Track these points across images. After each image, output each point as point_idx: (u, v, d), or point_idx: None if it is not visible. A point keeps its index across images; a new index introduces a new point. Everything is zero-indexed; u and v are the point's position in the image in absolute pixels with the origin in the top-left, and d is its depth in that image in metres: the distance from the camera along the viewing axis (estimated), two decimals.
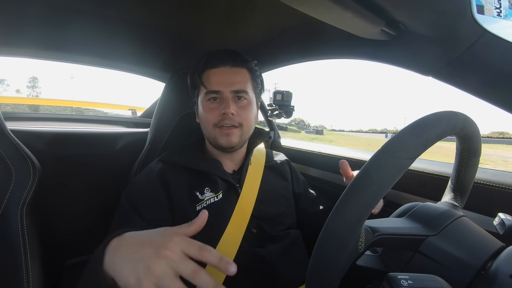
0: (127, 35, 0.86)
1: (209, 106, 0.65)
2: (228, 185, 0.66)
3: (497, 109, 0.48)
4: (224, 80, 0.65)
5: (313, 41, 0.78)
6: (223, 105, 0.64)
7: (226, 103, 0.63)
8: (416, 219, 0.41)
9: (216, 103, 0.65)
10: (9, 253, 0.51)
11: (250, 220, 0.63)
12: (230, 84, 0.64)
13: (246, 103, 0.67)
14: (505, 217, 0.40)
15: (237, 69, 0.67)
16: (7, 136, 0.55)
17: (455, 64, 0.50)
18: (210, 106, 0.65)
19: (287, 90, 1.11)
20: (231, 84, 0.65)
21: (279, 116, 1.14)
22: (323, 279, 0.31)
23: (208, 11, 0.75)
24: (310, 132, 36.53)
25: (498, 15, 0.44)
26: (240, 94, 0.66)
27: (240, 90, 0.65)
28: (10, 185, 0.54)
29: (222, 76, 0.65)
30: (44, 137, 0.85)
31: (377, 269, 0.40)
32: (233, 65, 0.66)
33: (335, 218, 0.31)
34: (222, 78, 0.65)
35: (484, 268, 0.33)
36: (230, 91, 0.64)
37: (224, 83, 0.64)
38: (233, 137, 0.65)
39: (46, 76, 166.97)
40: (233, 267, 0.35)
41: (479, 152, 0.43)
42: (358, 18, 0.50)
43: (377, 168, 0.30)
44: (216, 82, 0.65)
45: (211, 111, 0.65)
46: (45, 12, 0.71)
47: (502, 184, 0.56)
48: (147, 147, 0.84)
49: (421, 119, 0.33)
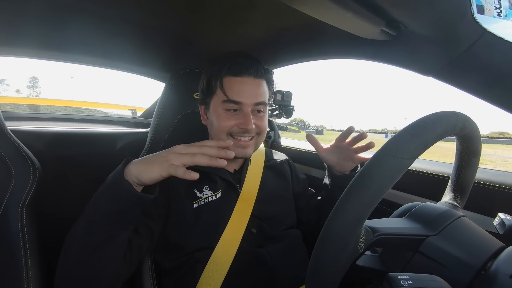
0: (127, 35, 0.86)
1: (226, 115, 0.63)
2: (228, 184, 0.66)
3: (497, 109, 0.48)
4: (246, 92, 0.63)
5: (313, 41, 0.78)
6: (242, 118, 0.62)
7: (247, 118, 0.62)
8: (416, 219, 0.41)
9: (233, 113, 0.63)
10: (9, 253, 0.51)
11: (250, 220, 0.63)
12: (252, 97, 0.63)
13: (262, 115, 0.66)
14: (505, 217, 0.40)
15: (259, 80, 0.65)
16: (7, 136, 0.55)
17: (455, 64, 0.50)
18: (228, 115, 0.63)
19: (287, 90, 1.11)
20: (253, 96, 0.63)
21: (279, 116, 1.14)
22: (323, 279, 0.31)
23: (208, 11, 0.75)
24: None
25: (498, 15, 0.44)
26: (259, 108, 0.65)
27: (259, 103, 0.64)
28: (10, 185, 0.54)
29: (245, 86, 0.63)
30: (44, 137, 0.85)
31: (377, 269, 0.40)
32: (256, 76, 0.64)
33: (335, 218, 0.31)
34: (245, 89, 0.63)
35: (484, 268, 0.33)
36: (251, 104, 0.63)
37: (247, 95, 0.63)
38: (249, 150, 0.65)
39: (46, 76, 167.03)
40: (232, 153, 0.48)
41: (479, 152, 0.43)
42: (358, 18, 0.50)
43: (377, 168, 0.30)
44: (238, 92, 0.62)
45: (227, 120, 0.63)
46: (45, 11, 0.71)
47: (502, 184, 0.56)
48: (147, 147, 0.84)
49: (421, 119, 0.33)
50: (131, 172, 0.47)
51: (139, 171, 0.47)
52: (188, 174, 0.44)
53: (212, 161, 0.46)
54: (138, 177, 0.46)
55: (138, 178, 0.46)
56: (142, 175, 0.46)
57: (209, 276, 0.57)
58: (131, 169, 0.47)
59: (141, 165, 0.47)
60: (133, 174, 0.47)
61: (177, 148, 0.48)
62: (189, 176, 0.44)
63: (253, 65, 0.64)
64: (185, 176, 0.44)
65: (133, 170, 0.47)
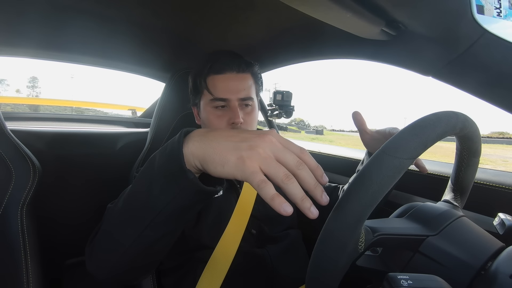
0: (127, 35, 0.86)
1: (216, 113, 0.64)
2: (228, 184, 0.67)
3: (497, 109, 0.48)
4: (231, 87, 0.63)
5: (313, 41, 0.78)
6: (230, 112, 0.63)
7: (234, 112, 0.62)
8: (416, 219, 0.41)
9: (222, 111, 0.64)
10: (9, 253, 0.51)
11: (249, 221, 0.63)
12: (237, 92, 0.63)
13: (251, 109, 0.67)
14: (505, 217, 0.40)
15: (243, 75, 0.65)
16: (7, 136, 0.55)
17: (455, 64, 0.50)
18: (217, 113, 0.64)
19: (287, 90, 1.11)
20: (238, 91, 0.63)
21: (279, 116, 1.14)
22: (323, 279, 0.31)
23: (208, 11, 0.75)
24: (310, 132, 36.57)
25: (498, 15, 0.44)
26: (246, 102, 0.65)
27: (246, 98, 0.64)
28: (10, 185, 0.54)
29: (229, 82, 0.64)
30: (44, 137, 0.85)
31: (377, 269, 0.40)
32: (239, 71, 0.65)
33: (335, 218, 0.31)
34: (229, 85, 0.63)
35: (484, 268, 0.33)
36: (237, 99, 0.63)
37: (231, 90, 0.63)
38: None
39: (46, 76, 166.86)
40: (327, 197, 0.30)
41: (479, 152, 0.43)
42: (358, 18, 0.50)
43: (377, 168, 0.30)
44: (222, 89, 0.63)
45: (218, 119, 0.64)
46: (45, 11, 0.71)
47: (502, 184, 0.56)
48: (147, 147, 0.84)
49: (421, 119, 0.33)
50: (193, 152, 0.33)
51: (205, 158, 0.32)
52: (278, 203, 0.28)
53: (299, 200, 0.29)
54: (204, 165, 0.32)
55: (204, 166, 0.32)
56: (210, 166, 0.32)
57: (209, 276, 0.57)
58: (192, 149, 0.33)
59: (208, 148, 0.32)
60: (196, 158, 0.33)
61: (274, 144, 0.31)
62: (280, 207, 0.28)
63: (234, 61, 0.64)
64: (273, 204, 0.28)
65: (196, 151, 0.33)
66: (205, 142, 0.33)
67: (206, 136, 0.33)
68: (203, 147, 0.32)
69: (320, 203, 0.30)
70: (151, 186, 0.35)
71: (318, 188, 0.30)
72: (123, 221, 0.39)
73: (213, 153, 0.31)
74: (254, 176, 0.29)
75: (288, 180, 0.29)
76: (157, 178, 0.35)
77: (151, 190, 0.35)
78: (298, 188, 0.29)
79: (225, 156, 0.31)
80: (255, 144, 0.31)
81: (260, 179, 0.28)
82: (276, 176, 0.29)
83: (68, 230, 0.85)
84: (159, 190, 0.34)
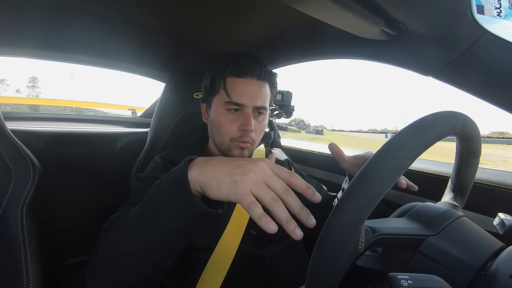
0: (127, 35, 0.86)
1: (228, 117, 0.64)
2: None
3: (497, 109, 0.48)
4: (249, 94, 0.63)
5: (313, 41, 0.78)
6: (243, 118, 0.63)
7: (248, 119, 0.62)
8: (416, 219, 0.41)
9: (235, 115, 0.64)
10: (9, 253, 0.51)
11: (249, 222, 0.63)
12: (253, 99, 0.63)
13: (263, 118, 0.67)
14: (505, 217, 0.40)
15: (262, 83, 0.65)
16: (7, 136, 0.55)
17: (455, 64, 0.50)
18: (229, 116, 0.64)
19: (287, 90, 1.11)
20: (254, 98, 0.63)
21: (279, 116, 1.14)
22: (323, 279, 0.31)
23: (208, 11, 0.75)
24: (310, 132, 36.57)
25: (498, 15, 0.44)
26: (260, 110, 0.65)
27: (261, 107, 0.64)
28: (10, 185, 0.54)
29: (248, 88, 0.63)
30: (44, 137, 0.85)
31: (377, 269, 0.40)
32: (259, 78, 0.64)
33: (335, 218, 0.31)
34: (248, 90, 0.63)
35: (484, 268, 0.33)
36: (253, 106, 0.63)
37: (249, 96, 0.62)
38: (246, 151, 0.66)
39: (46, 76, 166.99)
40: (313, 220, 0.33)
41: (479, 152, 0.43)
42: (358, 18, 0.50)
43: (377, 168, 0.30)
44: (240, 93, 0.62)
45: (230, 123, 0.63)
46: (45, 11, 0.71)
47: (502, 184, 0.56)
48: (147, 147, 0.84)
49: (421, 119, 0.33)
50: (195, 178, 0.36)
51: (204, 183, 0.36)
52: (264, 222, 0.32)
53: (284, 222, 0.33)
54: (203, 189, 0.36)
55: (203, 190, 0.36)
56: (208, 190, 0.35)
57: (210, 276, 0.57)
58: (194, 176, 0.37)
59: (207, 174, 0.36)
60: (197, 183, 0.36)
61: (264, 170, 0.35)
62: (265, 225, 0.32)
63: (256, 67, 0.63)
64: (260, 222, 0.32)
65: (197, 177, 0.36)
66: (205, 168, 0.37)
67: (206, 163, 0.37)
68: (203, 174, 0.36)
69: (307, 226, 0.33)
70: (159, 208, 0.38)
71: (304, 211, 0.33)
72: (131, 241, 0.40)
73: (211, 177, 0.35)
74: (245, 198, 0.32)
75: (275, 203, 0.32)
76: (165, 201, 0.38)
77: (160, 213, 0.38)
78: (284, 211, 0.32)
79: (220, 180, 0.34)
80: (247, 170, 0.34)
81: (250, 201, 0.32)
82: (264, 199, 0.32)
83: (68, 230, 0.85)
84: (168, 212, 0.37)
